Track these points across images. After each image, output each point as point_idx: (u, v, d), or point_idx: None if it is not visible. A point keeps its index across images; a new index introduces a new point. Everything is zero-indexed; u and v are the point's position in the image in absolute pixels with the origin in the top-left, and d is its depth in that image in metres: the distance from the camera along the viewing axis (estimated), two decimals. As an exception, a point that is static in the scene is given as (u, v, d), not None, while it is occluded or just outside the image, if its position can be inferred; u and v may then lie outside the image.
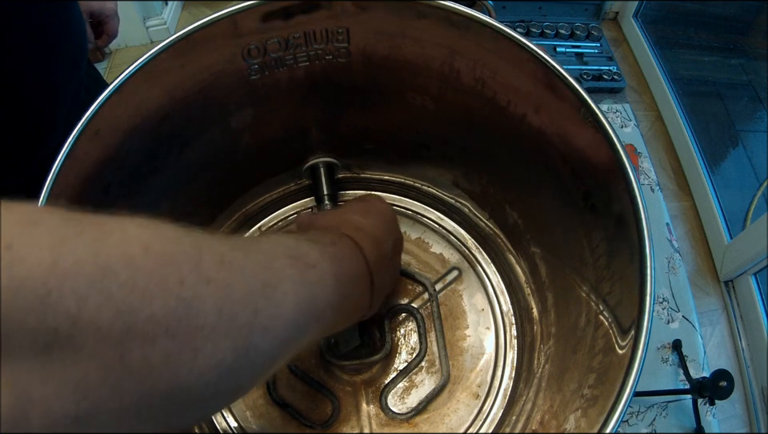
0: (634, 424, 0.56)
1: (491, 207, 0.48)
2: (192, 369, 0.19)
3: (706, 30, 1.87)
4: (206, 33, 0.34)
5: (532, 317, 0.44)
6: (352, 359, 0.42)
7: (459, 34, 0.34)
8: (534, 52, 0.32)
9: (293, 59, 0.38)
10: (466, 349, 0.45)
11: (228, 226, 0.50)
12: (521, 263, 0.47)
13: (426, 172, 0.50)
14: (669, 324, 0.62)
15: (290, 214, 0.52)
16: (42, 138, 0.44)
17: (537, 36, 1.70)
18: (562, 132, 0.35)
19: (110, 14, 0.60)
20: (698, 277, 1.33)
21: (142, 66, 0.32)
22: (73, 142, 0.31)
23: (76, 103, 0.48)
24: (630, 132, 0.77)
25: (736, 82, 1.78)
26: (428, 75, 0.39)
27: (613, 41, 1.78)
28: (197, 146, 0.41)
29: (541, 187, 0.40)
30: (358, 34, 0.37)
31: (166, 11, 1.74)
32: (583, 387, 0.31)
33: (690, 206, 1.45)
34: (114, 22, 0.62)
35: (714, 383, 0.54)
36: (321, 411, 0.43)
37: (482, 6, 0.51)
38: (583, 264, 0.36)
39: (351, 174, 0.52)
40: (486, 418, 0.42)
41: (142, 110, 0.35)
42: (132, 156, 0.36)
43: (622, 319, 0.29)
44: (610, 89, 1.64)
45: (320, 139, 0.47)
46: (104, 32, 0.63)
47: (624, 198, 0.29)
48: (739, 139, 1.62)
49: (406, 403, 0.43)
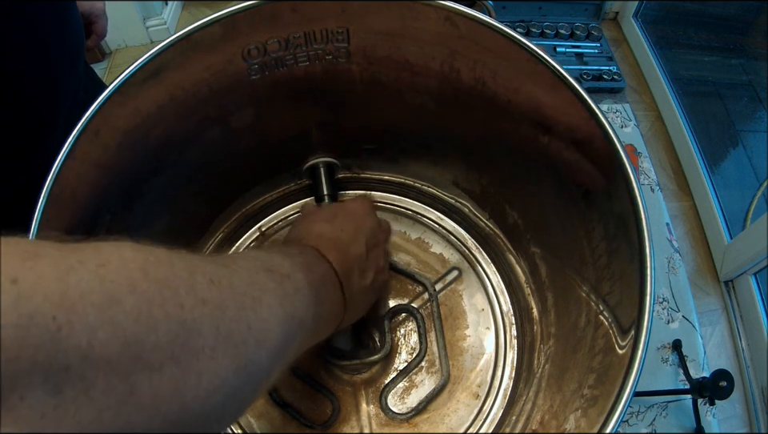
0: (634, 424, 0.56)
1: (491, 207, 0.48)
2: (198, 394, 0.19)
3: (706, 30, 1.87)
4: (206, 33, 0.34)
5: (532, 317, 0.44)
6: (352, 359, 0.42)
7: (459, 34, 0.34)
8: (534, 52, 0.32)
9: (293, 59, 0.38)
10: (466, 349, 0.45)
11: (228, 226, 0.50)
12: (521, 263, 0.47)
13: (426, 172, 0.50)
14: (669, 324, 0.62)
15: (290, 214, 0.52)
16: (42, 138, 0.44)
17: (537, 36, 1.70)
18: (562, 132, 0.35)
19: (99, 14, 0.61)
20: (698, 277, 1.33)
21: (142, 66, 0.32)
22: (73, 142, 0.31)
23: (76, 103, 0.48)
24: (630, 132, 0.77)
25: (736, 82, 1.78)
26: (428, 75, 0.39)
27: (613, 41, 1.78)
28: (197, 146, 0.41)
29: (541, 187, 0.40)
30: (357, 34, 0.37)
31: (166, 11, 1.74)
32: (583, 387, 0.31)
33: (690, 206, 1.45)
34: (102, 21, 0.62)
35: (714, 383, 0.54)
36: (321, 411, 0.43)
37: (482, 6, 0.51)
38: (583, 264, 0.36)
39: (351, 174, 0.52)
40: (486, 418, 0.42)
41: (142, 110, 0.35)
42: (132, 156, 0.36)
43: (622, 319, 0.29)
44: (609, 89, 1.64)
45: (320, 139, 0.47)
46: (93, 32, 0.63)
47: (624, 198, 0.29)
48: (739, 139, 1.62)
49: (406, 403, 0.43)
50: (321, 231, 0.35)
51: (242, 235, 0.51)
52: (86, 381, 0.15)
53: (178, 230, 0.45)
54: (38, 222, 0.29)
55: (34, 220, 0.29)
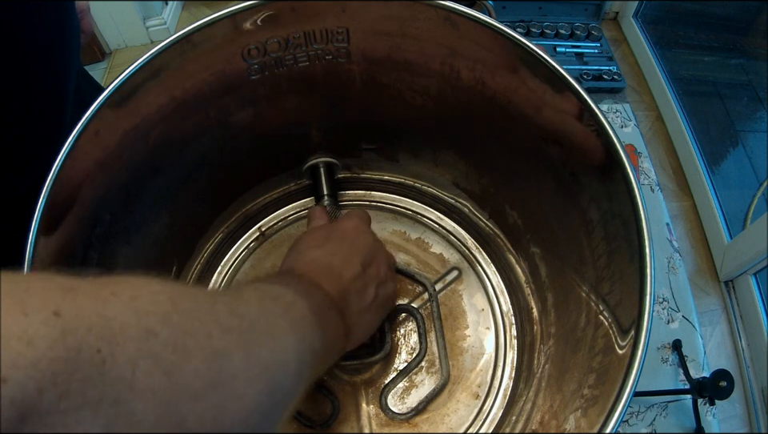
0: (634, 424, 0.56)
1: (491, 207, 0.48)
2: (238, 418, 0.19)
3: (705, 30, 1.87)
4: (206, 33, 0.34)
5: (532, 317, 0.44)
6: (352, 359, 0.42)
7: (459, 34, 0.34)
8: (534, 52, 0.32)
9: (293, 59, 0.38)
10: (466, 349, 0.45)
11: (228, 226, 0.50)
12: (521, 263, 0.47)
13: (426, 172, 0.50)
14: (669, 324, 0.62)
15: (290, 214, 0.52)
16: (49, 137, 0.44)
17: (537, 36, 1.70)
18: (562, 132, 0.35)
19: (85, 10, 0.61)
20: (698, 277, 1.33)
21: (142, 66, 0.32)
22: (73, 142, 0.31)
23: (76, 103, 0.48)
24: (630, 132, 0.77)
25: (736, 82, 1.78)
26: (428, 75, 0.39)
27: (613, 41, 1.78)
28: (197, 146, 0.41)
29: (541, 187, 0.40)
30: (357, 34, 0.37)
31: (166, 11, 1.73)
32: (583, 387, 0.31)
33: (690, 206, 1.45)
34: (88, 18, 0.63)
35: (714, 383, 0.54)
36: (321, 411, 0.43)
37: (482, 6, 0.51)
38: (583, 264, 0.36)
39: (351, 174, 0.52)
40: (486, 418, 0.42)
41: (142, 110, 0.35)
42: (132, 156, 0.36)
43: (622, 319, 0.29)
44: (609, 89, 1.63)
45: (320, 139, 0.47)
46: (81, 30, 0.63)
47: (624, 198, 0.29)
48: (739, 139, 1.62)
49: (406, 403, 0.43)
50: (312, 257, 0.35)
51: (241, 234, 0.51)
52: (135, 414, 0.16)
53: (178, 230, 0.45)
54: (37, 222, 0.29)
55: (34, 220, 0.29)
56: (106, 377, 0.15)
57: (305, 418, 0.42)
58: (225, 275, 0.50)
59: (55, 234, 0.31)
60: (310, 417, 0.42)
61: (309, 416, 0.42)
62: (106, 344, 0.15)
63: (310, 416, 0.42)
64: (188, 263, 0.48)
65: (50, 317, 0.15)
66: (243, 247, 0.51)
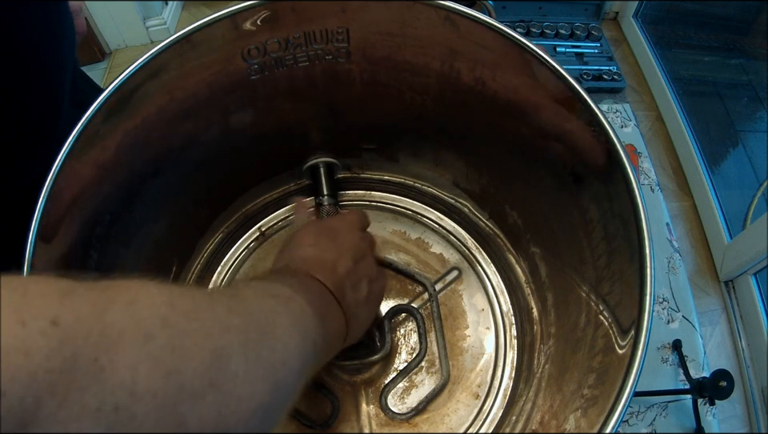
0: (634, 424, 0.56)
1: (491, 207, 0.48)
2: (240, 418, 0.19)
3: (705, 30, 1.87)
4: (206, 33, 0.34)
5: (532, 317, 0.44)
6: (352, 358, 0.42)
7: (459, 34, 0.34)
8: (534, 52, 0.32)
9: (293, 59, 0.38)
10: (466, 349, 0.45)
11: (228, 226, 0.50)
12: (521, 263, 0.47)
13: (426, 172, 0.50)
14: (669, 324, 0.62)
15: (290, 215, 0.52)
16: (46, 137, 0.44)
17: (537, 36, 1.70)
18: (562, 132, 0.35)
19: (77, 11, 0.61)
20: (698, 277, 1.33)
21: (142, 66, 0.32)
22: (73, 141, 0.31)
23: (74, 104, 0.48)
24: (630, 132, 0.77)
25: (736, 82, 1.78)
26: (428, 75, 0.39)
27: (613, 41, 1.78)
28: (197, 147, 0.41)
29: (540, 187, 0.40)
30: (357, 34, 0.37)
31: (166, 11, 1.73)
32: (583, 387, 0.31)
33: (690, 206, 1.45)
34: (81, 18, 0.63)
35: (714, 383, 0.54)
36: (321, 411, 0.43)
37: (482, 6, 0.51)
38: (583, 264, 0.36)
39: (351, 174, 0.52)
40: (486, 418, 0.42)
41: (142, 111, 0.35)
42: (132, 156, 0.36)
43: (622, 319, 0.29)
44: (609, 89, 1.63)
45: (320, 139, 0.47)
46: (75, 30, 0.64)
47: (624, 198, 0.29)
48: (739, 139, 1.62)
49: (406, 404, 0.43)
50: (305, 255, 0.35)
51: (241, 234, 0.51)
52: (136, 420, 0.16)
53: (178, 230, 0.45)
54: (37, 222, 0.29)
55: (34, 221, 0.29)
56: (106, 384, 0.15)
57: (305, 418, 0.42)
58: (225, 275, 0.50)
59: (55, 235, 0.31)
60: (309, 417, 0.42)
61: (309, 416, 0.42)
62: (104, 352, 0.15)
63: (309, 416, 0.42)
64: (188, 263, 0.48)
65: (47, 326, 0.15)
66: (243, 247, 0.51)
